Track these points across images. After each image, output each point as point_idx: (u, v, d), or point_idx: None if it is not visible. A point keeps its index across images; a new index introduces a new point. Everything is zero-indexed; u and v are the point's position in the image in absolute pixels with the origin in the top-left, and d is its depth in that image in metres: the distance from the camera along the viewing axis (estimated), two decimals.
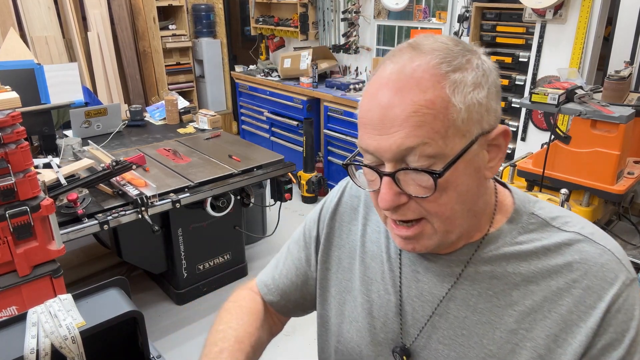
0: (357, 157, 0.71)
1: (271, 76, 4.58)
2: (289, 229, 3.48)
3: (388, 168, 0.61)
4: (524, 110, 3.09)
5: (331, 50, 4.36)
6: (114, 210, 2.15)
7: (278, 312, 0.93)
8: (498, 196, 0.71)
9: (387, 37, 4.05)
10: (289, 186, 2.81)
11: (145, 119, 3.50)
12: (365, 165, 0.65)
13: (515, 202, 0.71)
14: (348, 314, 0.80)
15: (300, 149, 4.05)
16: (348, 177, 0.86)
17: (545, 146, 2.21)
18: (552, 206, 0.72)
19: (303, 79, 4.16)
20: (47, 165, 2.34)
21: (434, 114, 0.58)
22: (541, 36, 2.91)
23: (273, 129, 4.57)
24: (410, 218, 0.64)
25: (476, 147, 0.61)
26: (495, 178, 0.73)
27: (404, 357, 0.73)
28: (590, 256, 0.64)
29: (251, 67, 5.01)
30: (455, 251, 0.70)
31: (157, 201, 2.24)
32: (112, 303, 0.87)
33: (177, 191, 2.35)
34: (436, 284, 0.71)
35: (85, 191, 2.18)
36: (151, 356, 0.94)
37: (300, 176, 4.06)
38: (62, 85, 2.91)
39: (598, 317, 0.61)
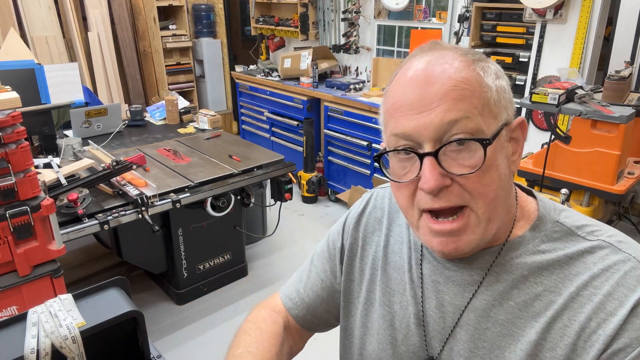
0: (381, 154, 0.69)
1: (271, 76, 4.58)
2: (289, 229, 3.52)
3: (428, 148, 0.60)
4: (524, 110, 3.09)
5: (331, 50, 4.36)
6: (114, 210, 2.15)
7: (303, 327, 0.90)
8: (519, 201, 0.70)
9: (387, 37, 4.05)
10: (289, 186, 2.81)
11: (146, 119, 3.50)
12: (404, 149, 0.62)
13: (539, 209, 0.69)
14: (371, 326, 0.79)
15: (301, 149, 4.05)
16: (372, 189, 0.89)
17: (545, 146, 2.21)
18: (579, 215, 0.69)
19: (303, 79, 4.16)
20: (48, 165, 2.34)
21: (471, 90, 0.59)
22: (541, 36, 2.91)
23: (273, 129, 4.57)
24: (454, 204, 0.61)
25: (504, 134, 0.63)
26: (518, 185, 0.73)
27: None
28: (613, 263, 0.62)
29: (251, 67, 5.01)
30: (476, 257, 0.68)
31: (157, 201, 2.24)
32: (112, 303, 0.87)
33: (177, 191, 2.35)
34: (457, 294, 0.69)
35: (86, 191, 2.18)
36: (151, 356, 0.94)
37: (300, 176, 4.06)
38: (62, 85, 2.91)
39: (617, 323, 0.58)
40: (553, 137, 2.15)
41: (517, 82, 3.13)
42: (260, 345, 0.80)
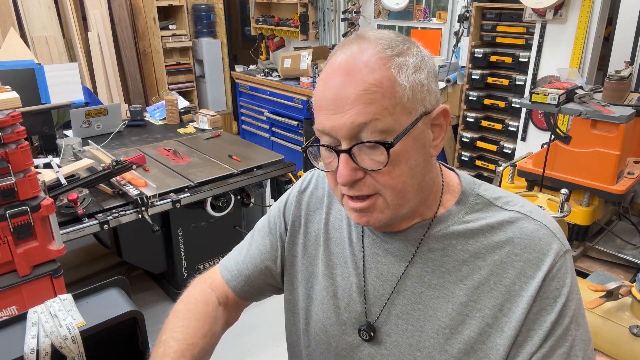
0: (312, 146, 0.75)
1: (271, 76, 4.58)
2: None
3: (344, 145, 0.66)
4: (524, 110, 3.09)
5: (331, 50, 4.36)
6: (114, 210, 2.15)
7: (240, 297, 0.94)
8: (444, 177, 0.78)
9: None
10: (289, 186, 2.81)
11: (146, 119, 3.50)
12: (323, 145, 0.69)
13: (462, 184, 0.77)
14: (315, 297, 0.85)
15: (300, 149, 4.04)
16: (313, 169, 0.94)
17: (545, 146, 2.21)
18: (495, 188, 0.78)
19: (303, 79, 4.16)
20: (47, 165, 2.34)
21: (382, 92, 0.64)
22: (541, 36, 2.91)
23: (273, 129, 4.57)
24: (366, 193, 0.68)
25: (421, 125, 0.68)
26: (441, 162, 0.81)
27: (371, 334, 0.77)
28: (529, 232, 0.70)
29: (251, 67, 5.01)
30: (410, 231, 0.75)
31: (157, 201, 2.24)
32: (112, 303, 0.88)
33: (177, 191, 2.35)
34: (394, 264, 0.77)
35: (86, 191, 2.18)
36: None
37: (300, 176, 4.06)
38: (62, 85, 2.91)
39: (536, 285, 0.67)
40: (553, 137, 2.15)
41: (517, 82, 3.13)
42: (186, 329, 0.82)
